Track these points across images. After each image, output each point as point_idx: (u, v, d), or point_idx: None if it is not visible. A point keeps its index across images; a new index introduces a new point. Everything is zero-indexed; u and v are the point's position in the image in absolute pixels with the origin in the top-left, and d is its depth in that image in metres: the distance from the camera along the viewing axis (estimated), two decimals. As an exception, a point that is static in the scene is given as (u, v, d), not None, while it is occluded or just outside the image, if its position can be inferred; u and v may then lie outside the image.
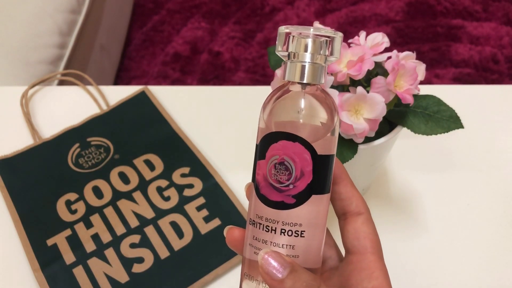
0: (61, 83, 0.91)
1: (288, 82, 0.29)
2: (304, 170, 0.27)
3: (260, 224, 0.28)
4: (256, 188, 0.29)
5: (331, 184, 0.29)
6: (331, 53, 0.28)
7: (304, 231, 0.28)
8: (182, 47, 1.50)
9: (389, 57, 0.42)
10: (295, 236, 0.28)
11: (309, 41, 0.27)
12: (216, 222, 0.54)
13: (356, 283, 0.29)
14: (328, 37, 0.28)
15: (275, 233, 0.28)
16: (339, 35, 0.28)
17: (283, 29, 0.28)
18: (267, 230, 0.28)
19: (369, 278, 0.28)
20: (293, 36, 0.28)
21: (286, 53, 0.28)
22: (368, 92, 0.41)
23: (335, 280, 0.30)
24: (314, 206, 0.28)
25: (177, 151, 0.60)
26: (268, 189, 0.28)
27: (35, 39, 0.93)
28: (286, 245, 0.28)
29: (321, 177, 0.28)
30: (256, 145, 0.29)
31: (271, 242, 0.28)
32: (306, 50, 0.27)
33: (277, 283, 0.26)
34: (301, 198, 0.28)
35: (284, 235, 0.28)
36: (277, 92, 0.29)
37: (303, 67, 0.28)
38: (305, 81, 0.28)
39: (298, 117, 0.28)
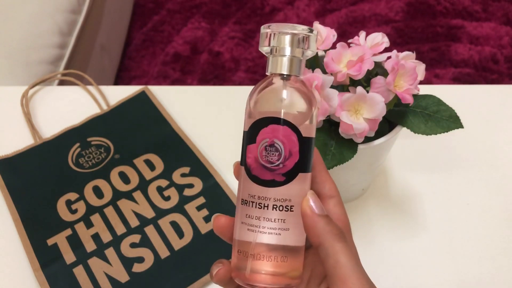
0: (61, 83, 0.91)
1: (271, 75, 0.32)
2: (292, 150, 0.30)
3: (252, 202, 0.31)
4: (248, 170, 0.31)
5: (312, 164, 0.32)
6: (308, 48, 0.31)
7: (293, 205, 0.31)
8: (182, 47, 1.50)
9: (389, 57, 0.42)
10: (285, 210, 0.31)
11: (288, 37, 0.31)
12: (216, 222, 0.54)
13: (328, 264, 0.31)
14: (305, 34, 0.31)
15: (267, 209, 0.30)
16: (314, 33, 0.31)
17: (264, 28, 0.32)
18: (260, 207, 0.31)
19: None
20: (274, 33, 0.31)
21: (269, 49, 0.32)
22: (368, 92, 0.41)
23: (309, 259, 0.34)
24: (300, 183, 0.31)
25: (177, 151, 0.60)
26: (260, 169, 0.31)
27: (35, 39, 0.93)
28: (278, 219, 0.31)
29: (306, 157, 0.31)
30: (244, 131, 0.32)
31: (264, 217, 0.31)
32: (285, 45, 0.31)
33: (312, 215, 0.30)
34: (290, 176, 0.31)
35: (276, 210, 0.31)
36: (262, 84, 0.32)
37: (283, 60, 0.31)
38: (286, 73, 0.31)
39: (281, 106, 0.31)
